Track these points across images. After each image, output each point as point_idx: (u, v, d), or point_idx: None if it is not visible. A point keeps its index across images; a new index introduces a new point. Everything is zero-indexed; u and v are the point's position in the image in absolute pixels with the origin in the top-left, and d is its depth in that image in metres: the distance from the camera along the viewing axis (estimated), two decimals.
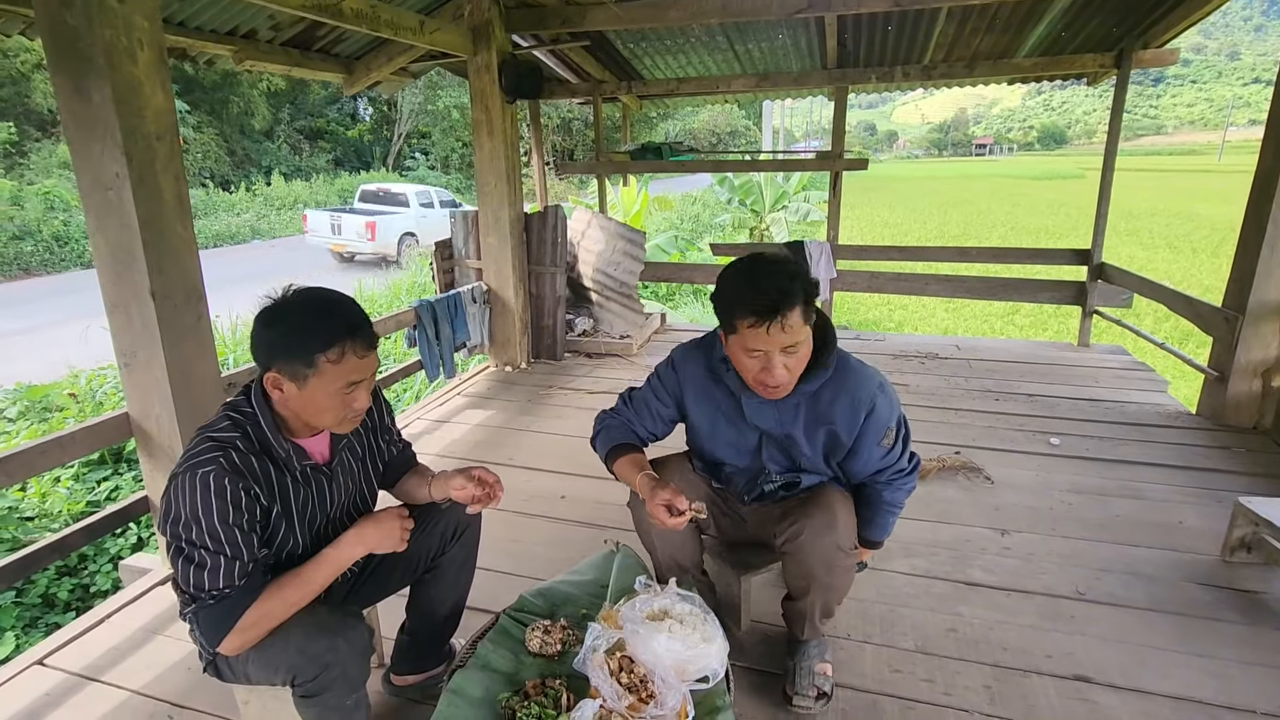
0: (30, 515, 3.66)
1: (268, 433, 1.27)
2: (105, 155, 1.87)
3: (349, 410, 1.28)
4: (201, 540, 1.17)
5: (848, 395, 1.53)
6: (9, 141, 14.88)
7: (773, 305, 1.37)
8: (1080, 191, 26.79)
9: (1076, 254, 4.64)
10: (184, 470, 1.18)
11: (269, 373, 1.23)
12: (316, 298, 1.26)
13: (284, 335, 1.21)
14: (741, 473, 1.74)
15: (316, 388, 1.22)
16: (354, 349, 1.23)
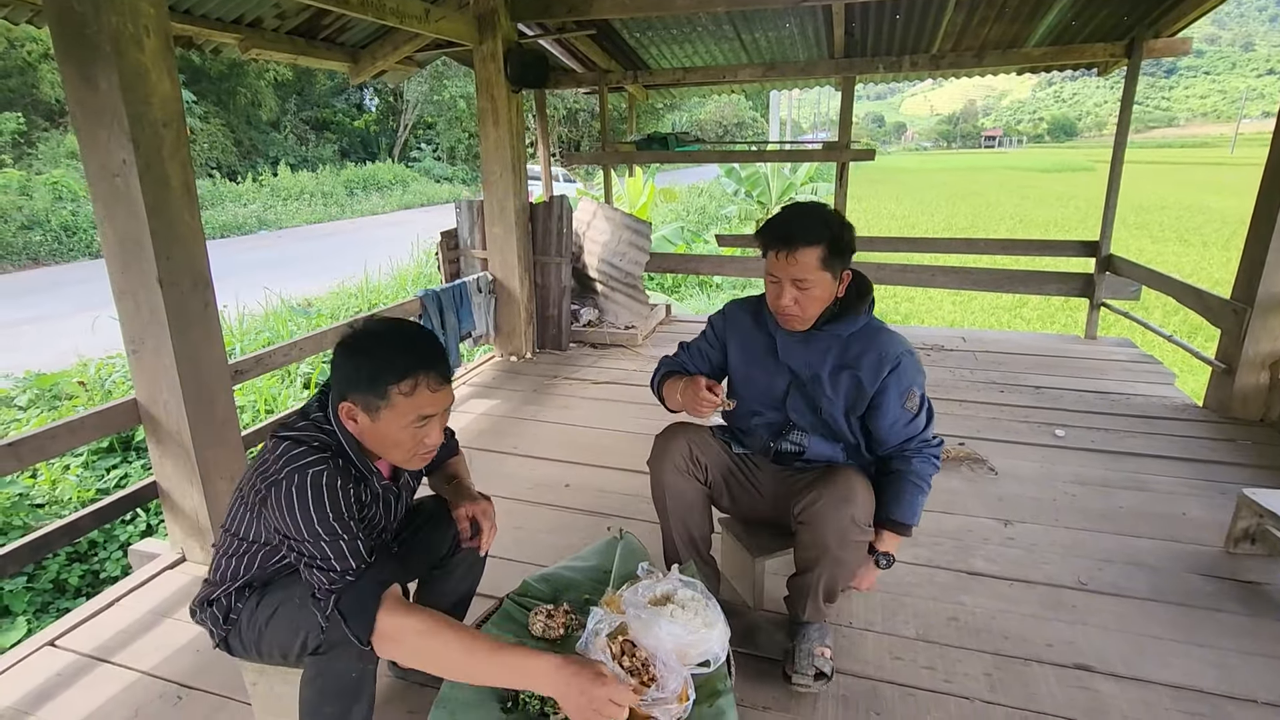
0: (41, 503, 3.70)
1: (350, 452, 1.27)
2: (112, 142, 1.88)
3: (420, 446, 1.27)
4: (316, 535, 1.16)
5: (876, 350, 1.65)
6: (17, 132, 14.94)
7: (785, 237, 1.55)
8: (1090, 184, 26.56)
9: (1084, 246, 4.61)
10: (288, 471, 1.18)
11: (344, 403, 1.23)
12: (393, 330, 1.25)
13: (359, 366, 1.21)
14: (765, 426, 1.80)
15: (389, 420, 1.22)
16: (427, 382, 1.22)
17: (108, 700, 1.71)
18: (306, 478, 1.17)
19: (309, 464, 1.19)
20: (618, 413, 3.52)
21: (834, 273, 1.59)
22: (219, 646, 1.41)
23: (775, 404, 1.76)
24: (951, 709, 1.64)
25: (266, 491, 1.20)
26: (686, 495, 1.78)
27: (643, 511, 1.94)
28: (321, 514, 1.16)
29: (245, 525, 1.31)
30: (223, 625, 1.37)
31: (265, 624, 1.32)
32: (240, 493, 1.32)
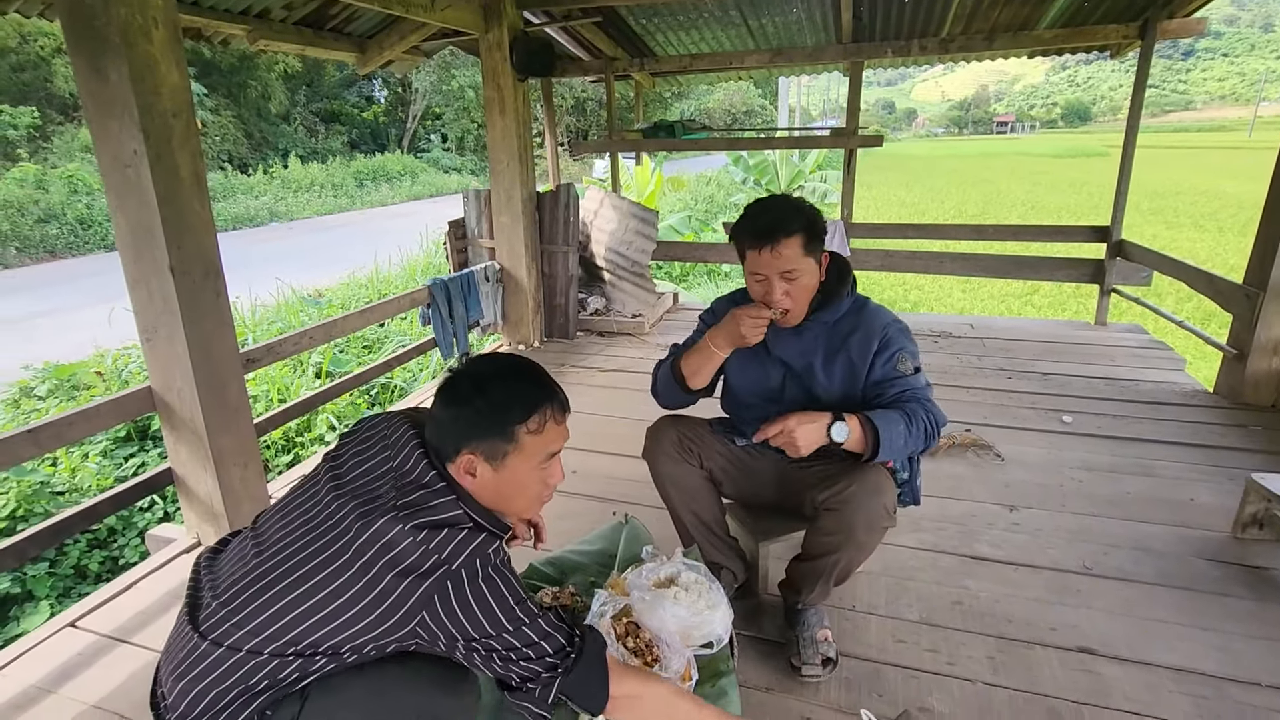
0: (61, 490, 3.78)
1: (479, 518, 1.06)
2: (124, 133, 1.91)
3: (546, 489, 1.16)
4: (521, 618, 1.03)
5: (864, 328, 1.65)
6: (32, 126, 15.08)
7: (765, 231, 1.54)
8: (1103, 169, 26.20)
9: (1095, 231, 4.56)
10: (465, 565, 1.00)
11: (462, 455, 1.08)
12: (507, 364, 1.14)
13: (477, 411, 1.08)
14: (763, 420, 1.77)
15: (515, 465, 1.09)
16: (554, 415, 1.12)
17: (127, 678, 1.76)
18: (488, 563, 1.01)
19: (478, 547, 1.01)
20: (625, 400, 3.54)
21: (816, 258, 1.59)
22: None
23: (772, 396, 1.76)
24: (954, 691, 1.65)
25: (429, 598, 0.98)
26: (685, 481, 1.78)
27: (648, 497, 1.96)
28: (516, 596, 1.03)
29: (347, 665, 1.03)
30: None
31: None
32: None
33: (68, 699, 1.70)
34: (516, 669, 1.04)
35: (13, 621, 3.12)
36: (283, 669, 0.98)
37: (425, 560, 0.98)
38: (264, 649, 0.98)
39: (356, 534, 0.99)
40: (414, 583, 0.97)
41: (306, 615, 0.97)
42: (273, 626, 0.98)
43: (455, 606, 0.98)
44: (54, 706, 1.68)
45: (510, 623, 1.01)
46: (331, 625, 0.97)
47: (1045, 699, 1.62)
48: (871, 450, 1.51)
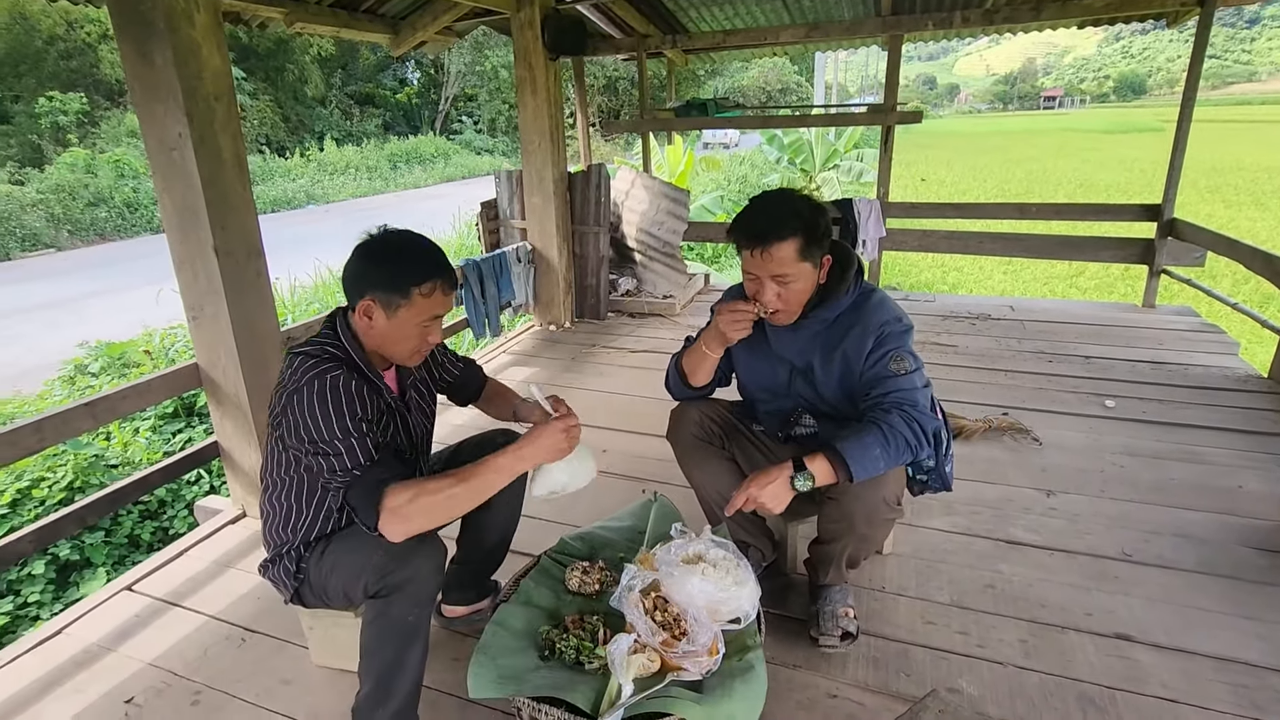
0: (114, 463, 3.96)
1: (356, 359, 1.37)
2: (168, 117, 1.96)
3: (424, 344, 1.40)
4: (333, 434, 1.26)
5: (861, 324, 1.59)
6: (81, 112, 15.57)
7: (758, 234, 1.50)
8: (1157, 145, 25.02)
9: (1145, 210, 4.38)
10: (309, 378, 1.28)
11: (365, 300, 1.33)
12: (414, 239, 1.37)
13: (384, 267, 1.32)
14: (775, 415, 1.79)
15: (405, 318, 1.34)
16: (443, 286, 1.35)
17: (180, 640, 1.85)
18: (325, 382, 1.28)
19: (326, 369, 1.30)
20: (655, 381, 3.51)
21: (813, 261, 1.52)
22: (292, 601, 1.51)
23: (781, 391, 1.75)
24: (984, 673, 1.64)
25: (287, 402, 1.29)
26: (709, 462, 1.79)
27: (677, 476, 1.97)
28: (339, 413, 1.27)
29: (275, 461, 1.41)
30: (294, 579, 1.46)
31: (330, 571, 1.42)
32: (268, 430, 1.40)
33: (126, 657, 1.80)
34: (332, 478, 1.29)
35: (73, 586, 3.30)
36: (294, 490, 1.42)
37: (288, 379, 1.31)
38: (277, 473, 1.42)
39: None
40: (279, 398, 1.32)
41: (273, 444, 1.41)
42: (270, 462, 1.43)
43: (298, 410, 1.27)
44: (114, 664, 1.78)
45: (329, 433, 1.26)
46: (274, 449, 1.40)
47: (1078, 684, 1.60)
48: (846, 479, 1.45)
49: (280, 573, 1.48)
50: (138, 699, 1.66)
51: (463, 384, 1.73)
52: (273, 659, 1.77)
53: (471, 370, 1.75)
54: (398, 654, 1.35)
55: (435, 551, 1.37)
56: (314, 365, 1.31)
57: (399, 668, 1.35)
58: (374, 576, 1.33)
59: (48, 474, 3.64)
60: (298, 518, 1.44)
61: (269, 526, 1.48)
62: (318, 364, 1.31)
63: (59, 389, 4.71)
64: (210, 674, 1.73)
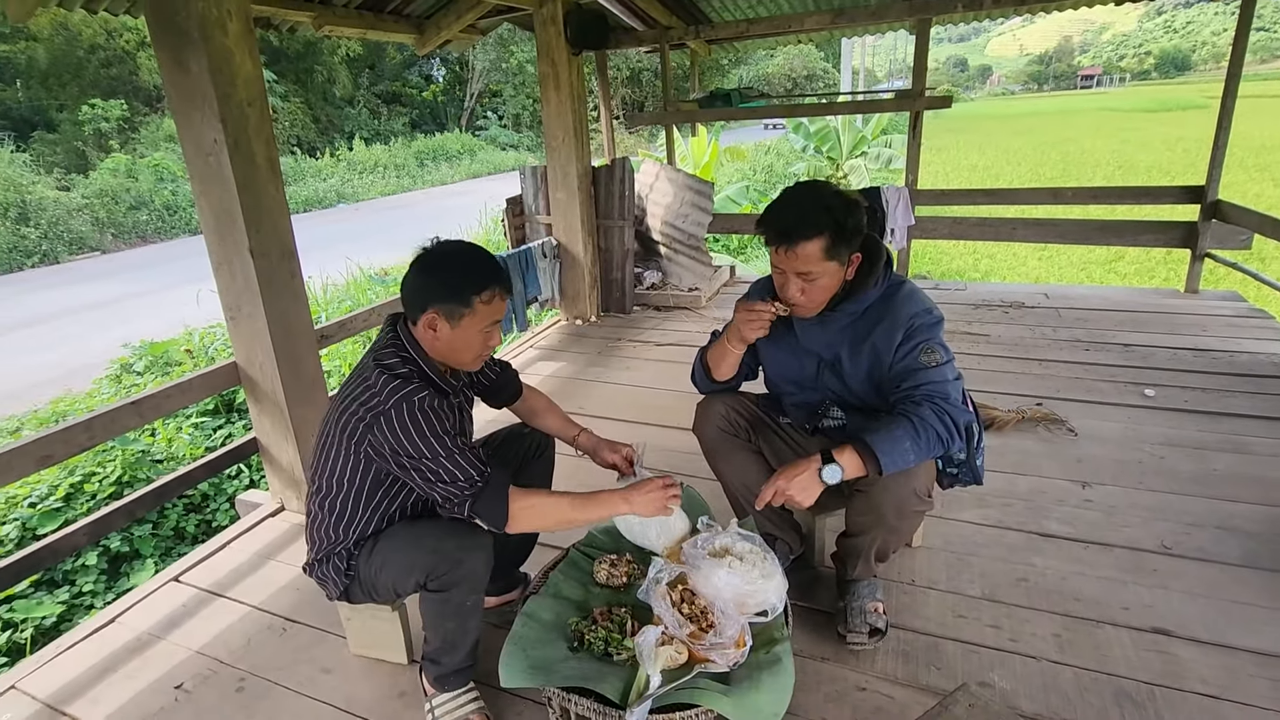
0: (159, 458, 4.10)
1: (429, 371, 1.43)
2: (204, 123, 2.02)
3: (486, 349, 1.46)
4: (435, 452, 1.33)
5: (890, 317, 1.57)
6: (121, 118, 16.04)
7: (783, 232, 1.49)
8: (1202, 123, 24.05)
9: (1188, 191, 4.24)
10: (396, 400, 1.34)
11: (427, 313, 1.38)
12: (469, 248, 1.43)
13: (444, 279, 1.38)
14: (802, 407, 1.78)
15: (468, 326, 1.39)
16: (500, 293, 1.42)
17: (225, 629, 1.92)
18: (415, 404, 1.34)
19: (412, 391, 1.35)
20: (681, 374, 3.53)
21: (840, 260, 1.50)
22: (339, 598, 1.56)
23: (809, 384, 1.73)
24: (1016, 667, 1.62)
25: (374, 420, 1.34)
26: (735, 455, 1.79)
27: (704, 470, 1.98)
28: (435, 434, 1.33)
29: (341, 465, 1.43)
30: (344, 576, 1.51)
31: (380, 569, 1.46)
32: (328, 435, 1.43)
33: (174, 645, 1.88)
34: (438, 491, 1.35)
35: (124, 576, 3.44)
36: (354, 497, 1.46)
37: (373, 397, 1.36)
38: (338, 478, 1.45)
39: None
40: (363, 411, 1.36)
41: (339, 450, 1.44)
42: (330, 466, 1.45)
43: (390, 431, 1.33)
44: (164, 651, 1.86)
45: (430, 453, 1.33)
46: (341, 455, 1.43)
47: (1114, 679, 1.57)
48: (876, 471, 1.45)
49: (330, 571, 1.52)
50: (186, 685, 1.73)
51: (500, 387, 1.76)
52: (313, 648, 1.83)
53: (508, 374, 1.77)
54: (459, 624, 1.48)
55: (483, 545, 1.44)
56: (400, 385, 1.35)
57: (462, 632, 1.49)
58: (424, 576, 1.41)
59: (98, 469, 3.79)
60: (352, 519, 1.48)
61: (319, 527, 1.51)
62: (404, 384, 1.36)
63: (106, 387, 4.89)
64: (254, 662, 1.79)
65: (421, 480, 1.35)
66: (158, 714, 1.65)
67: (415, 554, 1.41)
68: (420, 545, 1.41)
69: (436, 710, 1.53)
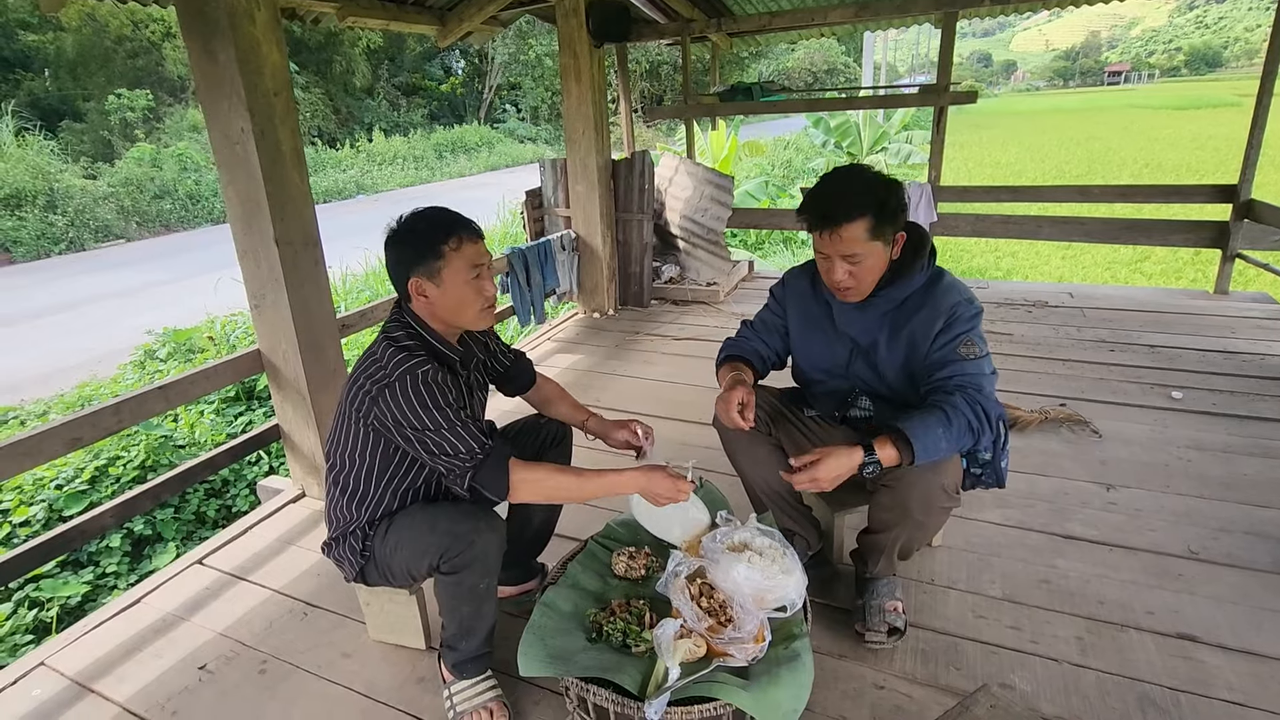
0: (182, 444, 4.17)
1: (434, 341, 1.46)
2: (232, 112, 2.04)
3: (482, 298, 1.45)
4: (438, 424, 1.35)
5: (931, 305, 1.56)
6: (147, 108, 16.24)
7: (825, 215, 1.48)
8: (1234, 122, 23.54)
9: (1220, 191, 4.15)
10: (400, 372, 1.36)
11: (411, 280, 1.41)
12: (426, 209, 1.45)
13: (411, 244, 1.41)
14: (831, 396, 1.78)
15: (450, 279, 1.40)
16: (467, 236, 1.42)
17: (247, 612, 1.95)
18: (418, 376, 1.36)
19: (416, 364, 1.37)
20: (699, 368, 3.54)
21: (885, 240, 1.49)
22: (355, 580, 1.58)
23: (840, 371, 1.73)
24: (1037, 669, 1.61)
25: (379, 393, 1.37)
26: (756, 449, 1.78)
27: (722, 464, 1.97)
28: (438, 406, 1.36)
29: (351, 441, 1.46)
30: (360, 556, 1.53)
31: (394, 550, 1.49)
32: (341, 412, 1.48)
33: (198, 626, 1.91)
34: (441, 463, 1.38)
35: (146, 559, 3.50)
36: (365, 473, 1.50)
37: (379, 370, 1.39)
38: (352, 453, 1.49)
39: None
40: (368, 383, 1.39)
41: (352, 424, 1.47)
42: (344, 441, 1.49)
43: (394, 402, 1.36)
44: (188, 632, 1.89)
45: (432, 424, 1.35)
46: (353, 429, 1.46)
47: (1138, 684, 1.55)
48: (909, 461, 1.44)
49: (346, 551, 1.55)
50: (210, 666, 1.76)
51: (513, 375, 1.77)
52: (333, 632, 1.85)
53: (521, 363, 1.78)
54: (474, 609, 1.50)
55: (495, 528, 1.46)
56: (405, 358, 1.38)
57: (477, 617, 1.51)
58: (438, 558, 1.43)
59: (122, 453, 3.85)
60: (365, 496, 1.51)
61: (334, 506, 1.54)
62: (409, 356, 1.38)
63: (130, 373, 4.97)
64: (275, 645, 1.82)
65: (424, 452, 1.38)
66: (182, 693, 1.68)
67: (430, 536, 1.43)
68: (434, 527, 1.44)
69: (455, 697, 1.55)
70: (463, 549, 1.41)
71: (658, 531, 1.62)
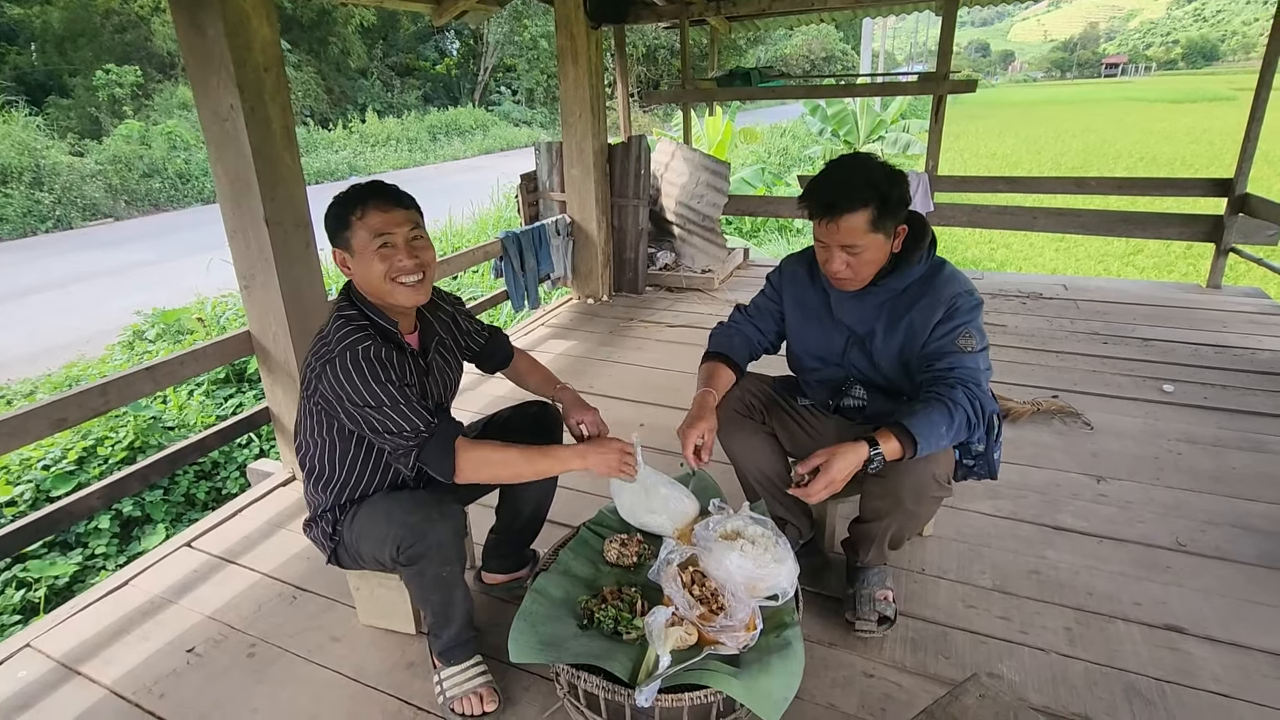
0: (171, 425, 4.13)
1: (374, 316, 1.44)
2: (221, 87, 1.99)
3: (394, 269, 1.40)
4: (380, 401, 1.35)
5: (932, 295, 1.54)
6: (135, 84, 15.96)
7: (826, 205, 1.46)
8: (1228, 116, 23.55)
9: (1215, 184, 4.15)
10: (341, 351, 1.36)
11: (335, 251, 1.43)
12: (355, 186, 1.44)
13: (330, 214, 1.42)
14: (825, 384, 1.77)
15: (360, 249, 1.39)
16: (375, 204, 1.39)
17: (236, 595, 1.94)
18: (357, 352, 1.36)
19: (358, 339, 1.37)
20: (693, 356, 3.50)
21: (886, 233, 1.48)
22: (330, 561, 1.59)
23: (835, 360, 1.72)
24: (1025, 659, 1.62)
25: (322, 369, 1.38)
26: (749, 438, 1.78)
27: (715, 452, 1.97)
28: (379, 381, 1.35)
29: (311, 421, 1.48)
30: (330, 540, 1.54)
31: (358, 538, 1.50)
32: (301, 392, 1.48)
33: (187, 609, 1.90)
34: (386, 441, 1.38)
35: (135, 540, 3.48)
36: (328, 451, 1.50)
37: (323, 347, 1.39)
38: (313, 434, 1.50)
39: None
40: (314, 361, 1.40)
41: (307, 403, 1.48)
42: (306, 422, 1.50)
43: (335, 378, 1.35)
44: (176, 615, 1.88)
45: (374, 401, 1.35)
46: (308, 409, 1.47)
47: (1125, 674, 1.56)
48: (910, 454, 1.43)
49: (319, 534, 1.57)
50: (198, 649, 1.75)
51: (489, 353, 1.77)
52: (322, 616, 1.84)
53: (497, 339, 1.78)
54: (444, 597, 1.50)
55: (450, 517, 1.45)
56: (349, 334, 1.38)
57: (449, 604, 1.51)
58: (395, 549, 1.43)
59: (110, 434, 3.82)
60: (330, 479, 1.52)
61: (306, 486, 1.56)
62: (352, 332, 1.38)
63: (119, 353, 4.92)
64: (264, 629, 1.81)
65: (368, 429, 1.38)
66: (170, 675, 1.67)
67: (385, 526, 1.44)
68: (390, 518, 1.44)
69: (445, 683, 1.54)
70: (415, 540, 1.40)
71: (643, 524, 1.61)
